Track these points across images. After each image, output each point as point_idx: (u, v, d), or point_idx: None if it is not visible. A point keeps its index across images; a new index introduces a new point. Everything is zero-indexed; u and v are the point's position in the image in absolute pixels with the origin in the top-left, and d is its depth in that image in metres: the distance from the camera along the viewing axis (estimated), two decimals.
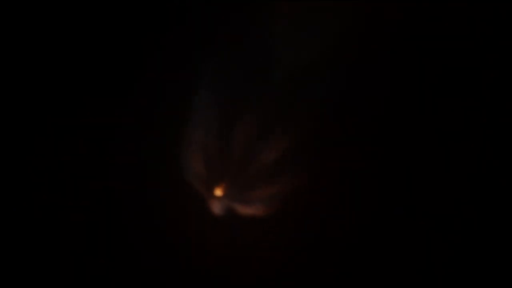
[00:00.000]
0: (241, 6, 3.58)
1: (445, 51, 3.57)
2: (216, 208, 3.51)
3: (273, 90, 3.52)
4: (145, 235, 3.53)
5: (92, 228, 3.54)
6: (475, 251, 3.45)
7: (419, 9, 3.58)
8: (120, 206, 3.55)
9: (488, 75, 3.55)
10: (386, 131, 3.56)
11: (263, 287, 3.49)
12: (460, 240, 3.47)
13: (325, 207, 3.53)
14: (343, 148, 3.54)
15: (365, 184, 3.53)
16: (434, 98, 3.56)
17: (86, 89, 3.65)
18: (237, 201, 3.51)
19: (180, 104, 3.56)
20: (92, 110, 3.62)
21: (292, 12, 3.58)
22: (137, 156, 3.59)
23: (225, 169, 3.51)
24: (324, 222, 3.52)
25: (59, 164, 3.59)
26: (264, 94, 3.52)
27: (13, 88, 3.63)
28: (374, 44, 3.55)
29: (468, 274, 3.44)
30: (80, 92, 3.65)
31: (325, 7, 3.57)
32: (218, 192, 3.51)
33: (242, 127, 3.49)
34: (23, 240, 3.52)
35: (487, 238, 3.45)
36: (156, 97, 3.62)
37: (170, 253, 3.51)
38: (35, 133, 3.61)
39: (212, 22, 3.63)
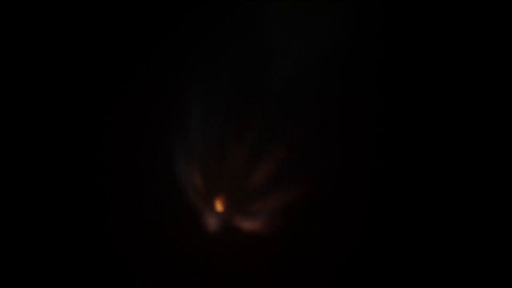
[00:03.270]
0: (235, 11, 3.58)
1: (439, 51, 3.58)
2: (216, 223, 3.52)
3: (269, 103, 3.52)
4: (144, 250, 3.53)
5: (88, 242, 3.55)
6: (475, 250, 3.46)
7: (411, 10, 3.59)
8: (118, 222, 3.56)
9: (484, 75, 3.56)
10: (383, 139, 3.56)
11: None
12: (459, 240, 3.48)
13: (324, 219, 3.52)
14: (340, 159, 3.54)
15: (363, 195, 3.52)
16: (429, 98, 3.57)
17: (77, 103, 3.66)
18: (237, 215, 3.52)
19: (177, 121, 3.58)
20: (88, 125, 3.64)
21: (287, 15, 3.59)
22: (135, 172, 3.59)
23: (224, 184, 3.52)
24: (323, 235, 3.52)
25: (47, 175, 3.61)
26: (261, 107, 3.52)
27: (13, 89, 3.65)
28: (367, 46, 3.56)
29: (468, 274, 3.45)
30: (70, 106, 3.66)
31: (319, 10, 3.57)
32: (218, 206, 3.52)
33: (240, 142, 3.50)
34: (23, 240, 3.54)
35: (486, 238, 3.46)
36: (153, 112, 3.62)
37: (168, 268, 3.52)
38: (34, 133, 3.63)
39: (207, 31, 3.63)
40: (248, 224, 3.50)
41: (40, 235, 3.54)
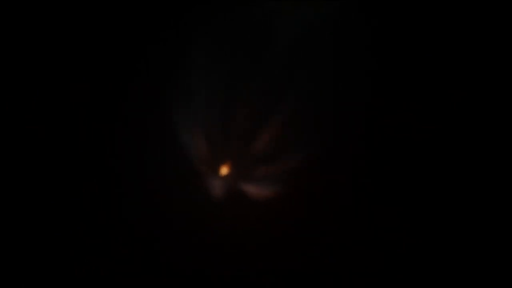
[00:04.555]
0: None
1: (439, 51, 3.59)
2: (221, 187, 3.52)
3: (273, 69, 3.53)
4: (149, 215, 3.55)
5: (93, 207, 3.57)
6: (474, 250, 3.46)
7: (411, 10, 3.60)
8: (126, 187, 3.57)
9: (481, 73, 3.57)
10: (382, 139, 3.58)
11: (267, 264, 3.51)
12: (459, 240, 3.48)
13: (328, 186, 3.54)
14: (344, 128, 3.55)
15: (367, 163, 3.54)
16: (429, 98, 3.58)
17: (86, 74, 3.67)
18: (242, 180, 3.52)
19: (182, 87, 3.58)
20: (95, 87, 3.65)
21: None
22: (141, 139, 3.61)
23: (230, 149, 3.52)
24: (328, 202, 3.53)
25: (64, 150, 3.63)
26: (265, 73, 3.52)
27: (13, 90, 3.65)
28: (366, 46, 3.56)
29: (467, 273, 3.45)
30: (80, 78, 3.67)
31: (318, 10, 3.58)
32: (223, 171, 3.53)
33: (245, 108, 3.50)
34: (23, 240, 3.54)
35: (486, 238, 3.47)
36: (157, 81, 3.63)
37: (175, 232, 3.53)
38: (38, 132, 3.63)
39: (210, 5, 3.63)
40: (253, 189, 3.51)
41: (40, 234, 3.54)
